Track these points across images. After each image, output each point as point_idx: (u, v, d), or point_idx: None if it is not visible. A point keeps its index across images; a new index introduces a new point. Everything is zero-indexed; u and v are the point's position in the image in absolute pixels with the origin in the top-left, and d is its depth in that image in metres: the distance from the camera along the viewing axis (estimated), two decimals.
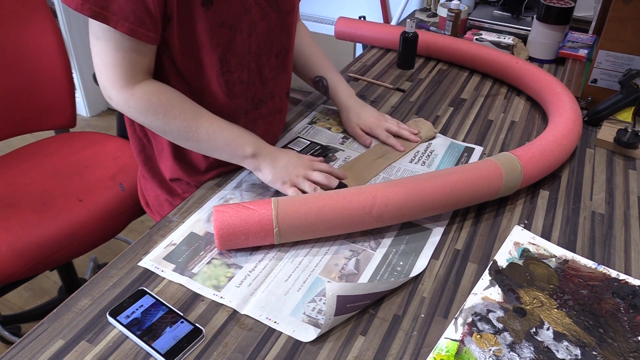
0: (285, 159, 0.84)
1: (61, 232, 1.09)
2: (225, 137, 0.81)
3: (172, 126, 0.78)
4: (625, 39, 1.05)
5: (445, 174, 0.79)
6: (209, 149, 0.82)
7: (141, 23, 0.70)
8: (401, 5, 1.99)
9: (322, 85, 1.05)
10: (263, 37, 0.85)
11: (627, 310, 0.67)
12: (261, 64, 0.88)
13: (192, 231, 0.78)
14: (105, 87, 0.76)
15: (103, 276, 0.70)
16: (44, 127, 1.37)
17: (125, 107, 0.77)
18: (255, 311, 0.66)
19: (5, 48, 1.25)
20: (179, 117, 0.78)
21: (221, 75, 0.82)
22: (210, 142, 0.80)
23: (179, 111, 0.78)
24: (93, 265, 1.74)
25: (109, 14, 0.68)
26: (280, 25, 0.87)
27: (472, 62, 1.29)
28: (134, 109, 0.77)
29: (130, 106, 0.76)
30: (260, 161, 0.83)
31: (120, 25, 0.69)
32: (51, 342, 0.61)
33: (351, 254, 0.75)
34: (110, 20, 0.69)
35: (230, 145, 0.81)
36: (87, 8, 0.68)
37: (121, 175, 1.24)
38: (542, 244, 0.78)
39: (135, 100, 0.76)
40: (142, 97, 0.76)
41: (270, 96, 0.93)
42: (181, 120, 0.78)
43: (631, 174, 0.94)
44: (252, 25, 0.82)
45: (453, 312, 0.67)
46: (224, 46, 0.80)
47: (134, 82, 0.75)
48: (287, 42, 0.91)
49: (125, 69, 0.74)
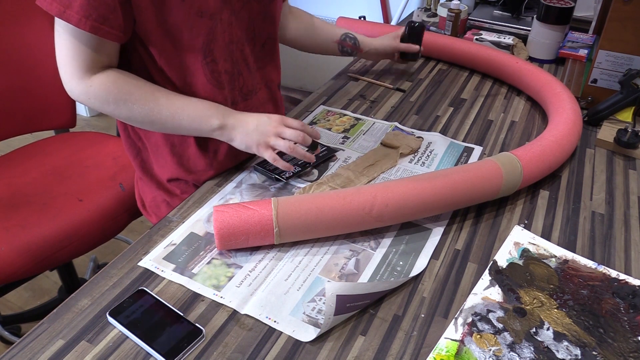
0: (254, 121, 0.82)
1: (61, 232, 1.09)
2: (189, 113, 0.80)
3: (134, 112, 0.78)
4: (625, 39, 1.05)
5: (445, 174, 0.79)
6: (175, 128, 0.81)
7: (104, 20, 0.71)
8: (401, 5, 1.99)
9: (350, 39, 1.11)
10: (245, 26, 0.85)
11: (627, 310, 0.67)
12: (246, 54, 0.88)
13: (192, 231, 0.78)
14: (65, 80, 0.77)
15: (103, 276, 0.70)
16: (44, 127, 1.37)
17: (86, 98, 0.78)
18: (255, 310, 0.66)
19: (5, 48, 1.25)
20: (139, 101, 0.78)
21: (206, 66, 0.82)
22: (174, 122, 0.80)
23: (138, 96, 0.78)
24: (93, 265, 1.74)
25: (72, 13, 0.70)
26: (263, 14, 0.88)
27: (472, 62, 1.29)
28: (94, 99, 0.77)
29: (90, 97, 0.77)
30: (230, 130, 0.81)
31: (82, 24, 0.70)
32: (51, 342, 0.61)
33: (351, 253, 0.75)
34: (72, 18, 0.70)
35: (195, 121, 0.80)
36: (55, 8, 0.70)
37: (121, 175, 1.24)
38: (542, 244, 0.78)
39: (93, 90, 0.76)
40: (100, 86, 0.76)
41: (260, 87, 0.93)
42: (142, 104, 0.78)
43: (631, 174, 0.94)
44: (232, 15, 0.82)
45: (453, 312, 0.67)
46: (206, 36, 0.80)
47: (91, 74, 0.76)
48: (272, 32, 0.91)
49: (84, 62, 0.75)
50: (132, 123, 0.82)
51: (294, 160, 0.91)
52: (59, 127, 1.39)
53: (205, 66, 0.82)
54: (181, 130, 0.82)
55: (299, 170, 0.90)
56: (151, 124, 0.80)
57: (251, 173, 0.91)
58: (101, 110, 0.79)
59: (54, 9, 0.70)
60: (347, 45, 1.09)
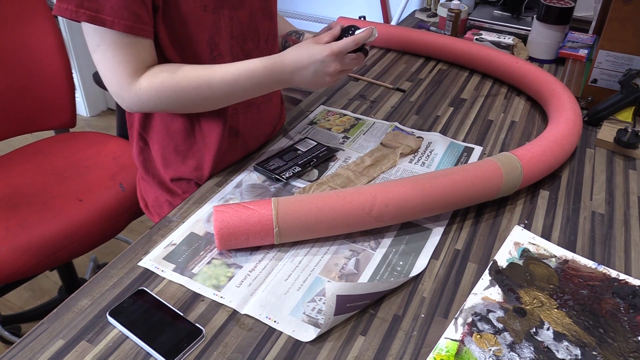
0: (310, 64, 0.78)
1: (61, 232, 1.09)
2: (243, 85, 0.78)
3: (189, 100, 0.77)
4: (625, 39, 1.05)
5: (445, 174, 0.79)
6: (240, 97, 0.80)
7: (136, 18, 0.71)
8: (401, 5, 1.99)
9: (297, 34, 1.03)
10: (246, 21, 0.85)
11: (627, 310, 0.67)
12: (247, 50, 0.88)
13: (192, 231, 0.78)
14: (115, 92, 0.76)
15: (103, 276, 0.70)
16: (44, 127, 1.37)
17: (139, 103, 0.76)
18: (255, 310, 0.66)
19: (5, 48, 1.25)
20: (191, 89, 0.76)
21: (213, 60, 0.82)
22: (233, 98, 0.79)
23: (186, 83, 0.76)
24: (93, 265, 1.74)
25: (104, 16, 0.69)
26: (263, 10, 0.88)
27: (472, 62, 1.29)
28: (147, 101, 0.76)
29: (143, 100, 0.76)
30: (290, 83, 0.80)
31: (116, 25, 0.69)
32: (51, 342, 0.61)
33: (351, 253, 0.75)
34: (106, 22, 0.69)
35: (254, 90, 0.79)
36: (82, 14, 0.68)
37: (121, 175, 1.24)
38: (542, 244, 0.78)
39: (144, 92, 0.75)
40: (149, 86, 0.75)
41: None
42: (195, 92, 0.77)
43: (631, 174, 0.94)
44: (233, 10, 0.82)
45: (453, 312, 0.67)
46: (211, 30, 0.80)
47: (137, 77, 0.75)
48: (272, 28, 0.92)
49: (126, 67, 0.74)
50: (193, 111, 0.82)
51: (295, 160, 0.92)
52: (59, 127, 1.39)
53: (212, 60, 0.82)
54: (247, 97, 0.81)
55: (299, 170, 0.90)
56: (212, 104, 0.80)
57: (251, 173, 0.91)
58: (159, 111, 0.79)
59: (82, 16, 0.68)
60: (291, 40, 1.02)
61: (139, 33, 0.72)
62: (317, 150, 0.95)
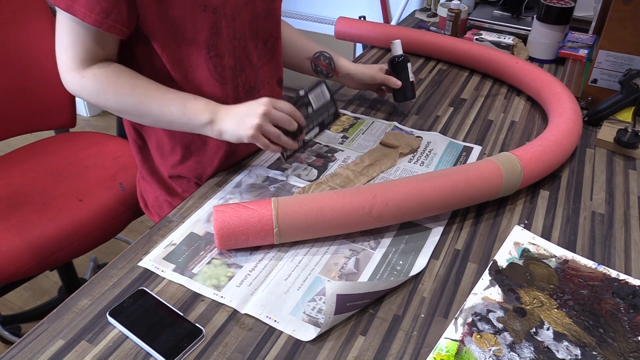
0: (242, 107, 0.78)
1: (61, 232, 1.09)
2: (178, 107, 0.78)
3: (124, 105, 0.79)
4: (625, 39, 1.05)
5: (445, 174, 0.79)
6: (165, 122, 0.80)
7: (107, 14, 0.72)
8: (401, 5, 1.99)
9: (325, 58, 1.01)
10: (248, 22, 0.85)
11: (627, 310, 0.67)
12: (248, 51, 0.88)
13: (192, 231, 0.78)
14: (62, 71, 0.78)
15: (103, 276, 0.70)
16: (44, 127, 1.37)
17: (79, 90, 0.78)
18: (255, 310, 0.66)
19: (5, 48, 1.25)
20: (129, 94, 0.78)
21: (210, 60, 0.82)
22: (164, 116, 0.79)
23: (128, 89, 0.78)
24: (93, 265, 1.74)
25: (78, 7, 0.71)
26: (266, 11, 0.88)
27: (472, 62, 1.29)
28: (86, 91, 0.78)
29: (83, 88, 0.78)
30: (219, 122, 0.78)
31: (87, 17, 0.71)
32: (51, 342, 0.61)
33: (351, 253, 0.75)
34: (78, 12, 0.71)
35: (185, 115, 0.78)
36: (62, 1, 0.71)
37: (121, 175, 1.24)
38: (542, 244, 0.78)
39: (86, 82, 0.77)
40: (92, 78, 0.77)
41: (262, 84, 0.93)
42: (132, 97, 0.78)
43: (631, 174, 0.94)
44: (235, 10, 0.82)
45: (453, 312, 0.67)
46: (210, 30, 0.80)
47: (86, 65, 0.77)
48: (274, 30, 0.91)
49: (80, 53, 0.75)
50: (121, 115, 0.83)
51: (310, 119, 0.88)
52: (59, 127, 1.39)
53: (209, 60, 0.82)
54: (172, 125, 0.81)
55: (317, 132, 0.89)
56: (140, 117, 0.81)
57: (251, 173, 0.91)
58: (91, 102, 0.80)
59: (61, 3, 0.71)
60: (321, 65, 1.01)
61: (107, 29, 0.73)
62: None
